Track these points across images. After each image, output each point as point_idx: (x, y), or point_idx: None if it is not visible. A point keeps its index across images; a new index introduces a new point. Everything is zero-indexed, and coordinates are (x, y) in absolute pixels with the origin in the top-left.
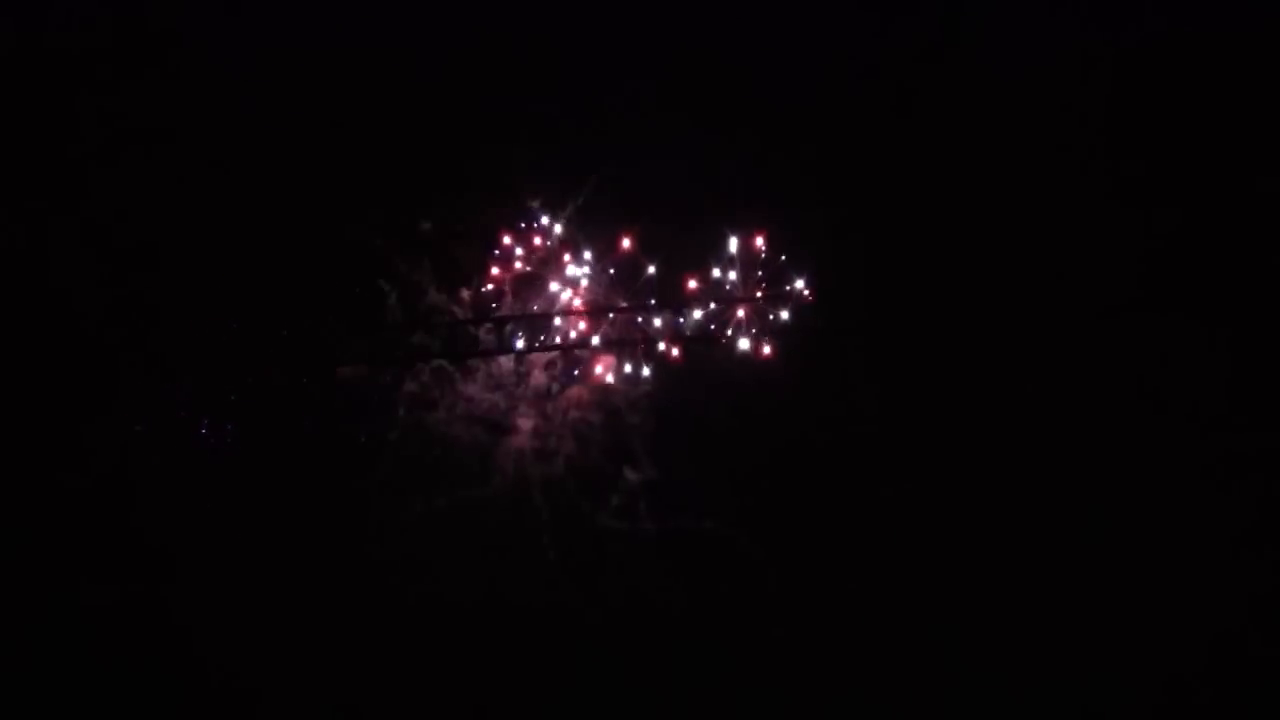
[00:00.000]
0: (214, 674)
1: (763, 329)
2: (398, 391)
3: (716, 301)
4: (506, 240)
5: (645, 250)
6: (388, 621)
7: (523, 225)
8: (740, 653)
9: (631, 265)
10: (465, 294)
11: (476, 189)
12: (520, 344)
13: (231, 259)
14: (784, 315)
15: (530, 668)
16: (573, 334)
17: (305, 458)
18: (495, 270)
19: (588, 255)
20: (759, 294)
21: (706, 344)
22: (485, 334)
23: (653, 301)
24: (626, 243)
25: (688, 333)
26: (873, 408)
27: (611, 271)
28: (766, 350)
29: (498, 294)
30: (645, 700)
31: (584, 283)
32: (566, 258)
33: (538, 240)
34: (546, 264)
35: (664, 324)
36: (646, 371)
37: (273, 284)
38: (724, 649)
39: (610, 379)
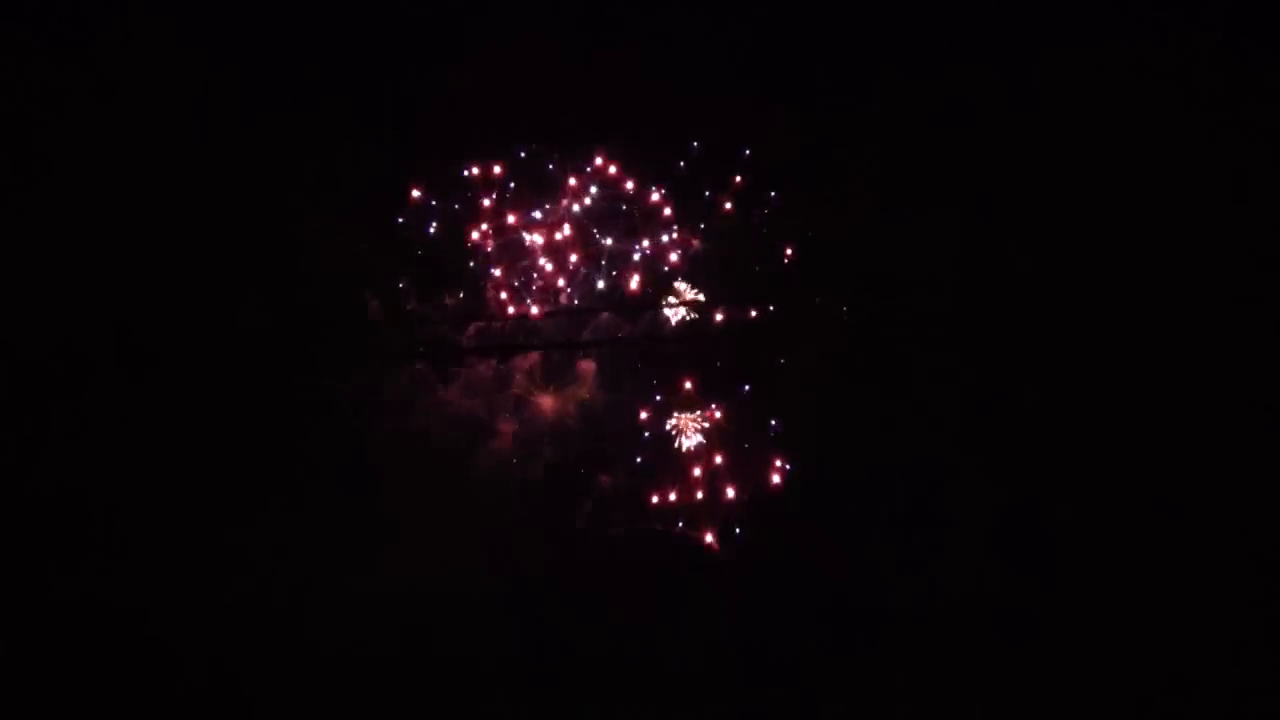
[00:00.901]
0: (190, 676)
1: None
2: (377, 395)
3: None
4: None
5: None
6: (366, 626)
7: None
8: (727, 658)
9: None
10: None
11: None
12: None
13: (216, 261)
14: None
15: (511, 674)
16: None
17: (287, 459)
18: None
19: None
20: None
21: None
22: (467, 339)
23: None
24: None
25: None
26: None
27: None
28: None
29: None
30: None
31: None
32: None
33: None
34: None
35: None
36: None
37: (256, 285)
38: (708, 654)
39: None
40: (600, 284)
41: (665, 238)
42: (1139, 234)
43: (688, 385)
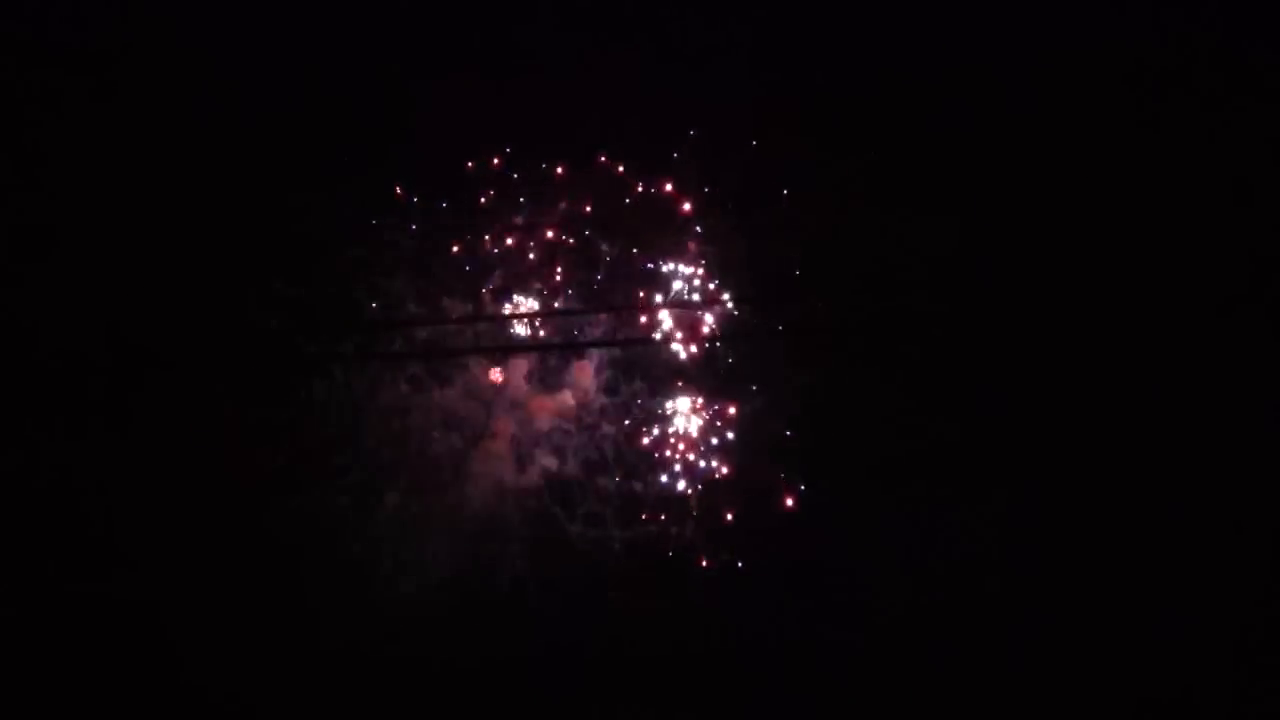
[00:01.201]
0: (188, 676)
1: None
2: (373, 397)
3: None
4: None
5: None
6: (362, 628)
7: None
8: (727, 660)
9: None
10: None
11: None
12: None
13: (213, 261)
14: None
15: (507, 677)
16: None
17: (282, 461)
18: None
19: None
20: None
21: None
22: (464, 341)
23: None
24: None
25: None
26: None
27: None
28: None
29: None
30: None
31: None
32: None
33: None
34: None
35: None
36: None
37: (254, 286)
38: (708, 656)
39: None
40: (598, 285)
41: (665, 239)
42: (1139, 235)
43: (686, 388)
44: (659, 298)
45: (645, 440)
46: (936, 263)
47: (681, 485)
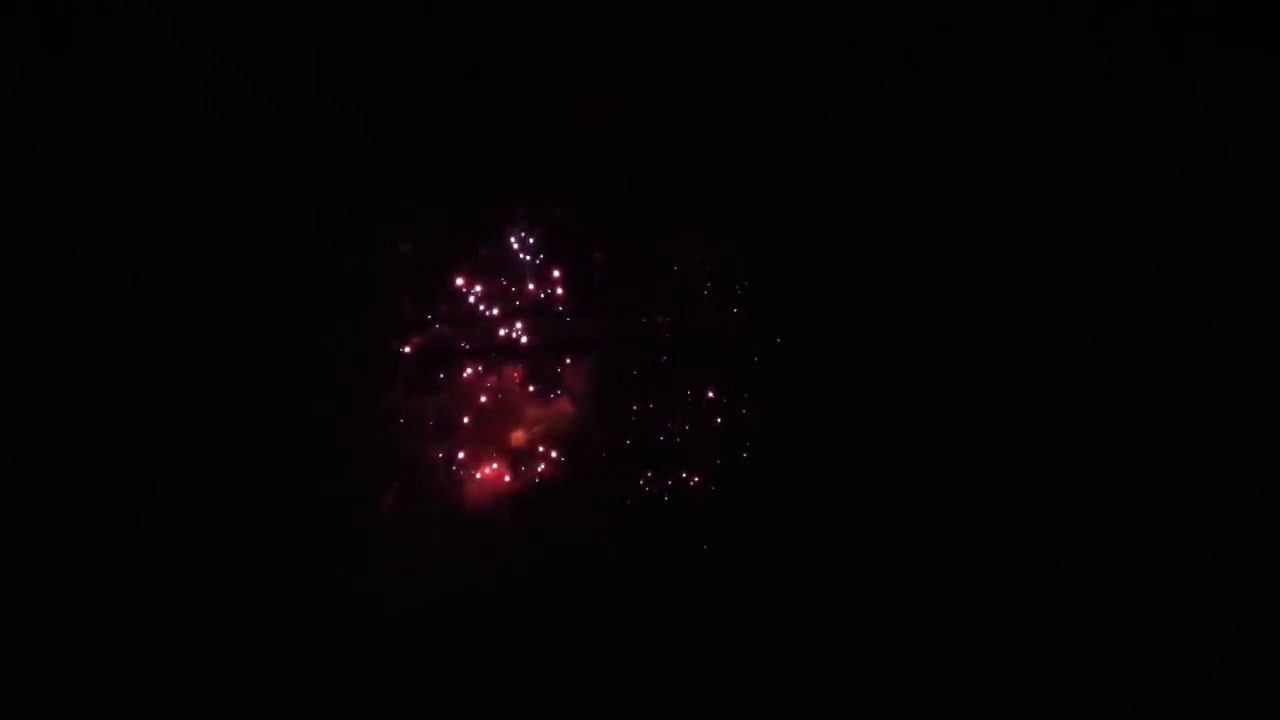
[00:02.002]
0: (182, 676)
1: None
2: (368, 401)
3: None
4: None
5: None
6: (358, 630)
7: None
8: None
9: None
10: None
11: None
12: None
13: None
14: None
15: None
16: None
17: (278, 463)
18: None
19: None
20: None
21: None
22: (458, 344)
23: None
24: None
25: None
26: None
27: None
28: None
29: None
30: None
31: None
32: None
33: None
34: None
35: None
36: None
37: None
38: (705, 658)
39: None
40: (593, 288)
41: (662, 241)
42: (1138, 234)
43: (681, 391)
44: (654, 301)
45: (640, 444)
46: (936, 262)
47: (678, 488)
